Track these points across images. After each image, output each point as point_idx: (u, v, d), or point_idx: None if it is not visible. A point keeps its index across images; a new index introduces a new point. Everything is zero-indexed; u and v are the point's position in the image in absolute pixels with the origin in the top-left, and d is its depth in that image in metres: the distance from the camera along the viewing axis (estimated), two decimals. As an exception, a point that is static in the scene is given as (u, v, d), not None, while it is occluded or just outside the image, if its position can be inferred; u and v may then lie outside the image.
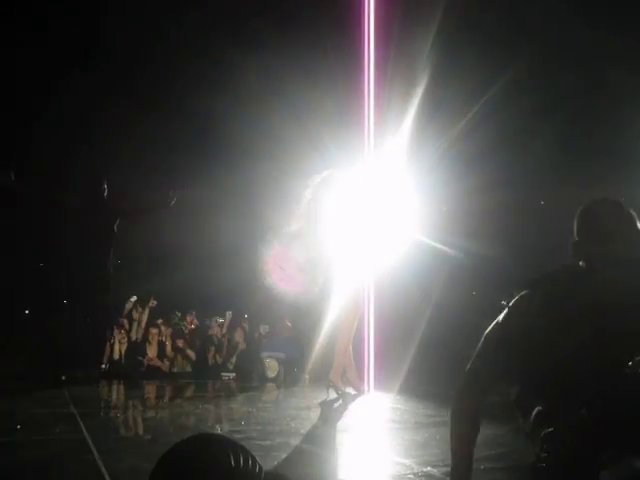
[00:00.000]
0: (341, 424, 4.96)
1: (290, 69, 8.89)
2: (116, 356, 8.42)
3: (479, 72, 8.50)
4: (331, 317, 6.14)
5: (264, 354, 8.39)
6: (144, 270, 9.64)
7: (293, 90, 8.96)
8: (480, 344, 2.72)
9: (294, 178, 6.58)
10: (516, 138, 8.92)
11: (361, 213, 6.59)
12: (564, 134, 8.97)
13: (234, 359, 8.77)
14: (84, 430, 4.26)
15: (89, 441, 3.87)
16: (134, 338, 8.65)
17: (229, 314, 9.18)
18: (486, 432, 4.39)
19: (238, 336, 8.93)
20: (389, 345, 7.51)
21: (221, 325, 9.14)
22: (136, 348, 8.60)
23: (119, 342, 8.47)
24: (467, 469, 2.53)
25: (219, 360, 8.79)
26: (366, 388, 6.66)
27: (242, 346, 8.85)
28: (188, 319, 9.22)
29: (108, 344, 8.28)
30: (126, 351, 8.53)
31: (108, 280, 7.77)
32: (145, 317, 8.82)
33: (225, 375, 8.55)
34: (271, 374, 8.03)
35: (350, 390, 6.21)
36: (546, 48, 8.66)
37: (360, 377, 6.44)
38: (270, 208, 8.06)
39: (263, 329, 8.89)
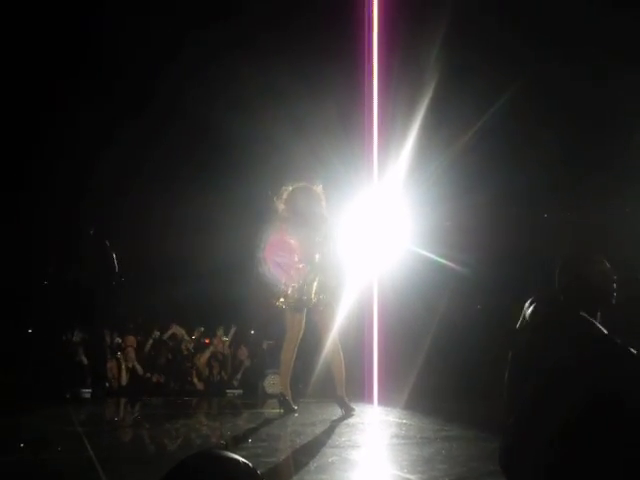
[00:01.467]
0: (346, 439, 4.94)
1: (292, 78, 8.92)
2: (124, 382, 8.45)
3: (483, 86, 8.51)
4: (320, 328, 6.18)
5: (268, 371, 8.38)
6: (145, 285, 9.66)
7: (295, 100, 8.98)
8: None
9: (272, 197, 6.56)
10: (520, 152, 8.92)
11: (363, 226, 6.60)
12: (570, 148, 8.97)
13: (239, 375, 8.77)
14: (89, 448, 4.25)
15: (94, 459, 3.87)
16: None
17: (234, 329, 9.18)
18: (491, 446, 4.39)
19: (242, 353, 8.93)
20: (394, 359, 7.50)
21: (224, 340, 9.15)
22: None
23: (125, 367, 8.50)
24: None
25: (225, 376, 8.78)
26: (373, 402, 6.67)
27: (247, 363, 8.85)
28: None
29: (114, 365, 8.33)
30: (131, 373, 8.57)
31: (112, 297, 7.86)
32: (149, 343, 8.88)
33: (230, 392, 8.54)
34: (274, 390, 8.01)
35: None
36: (553, 60, 8.68)
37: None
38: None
39: (267, 345, 8.88)
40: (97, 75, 9.95)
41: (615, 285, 2.96)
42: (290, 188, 6.30)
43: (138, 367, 8.61)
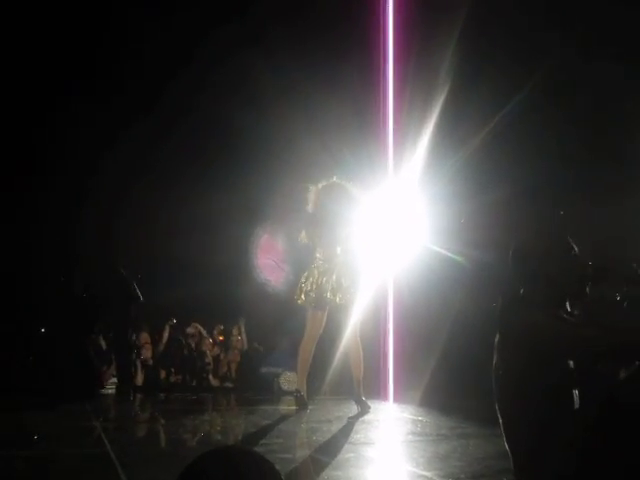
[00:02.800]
0: (362, 436, 4.95)
1: (306, 74, 8.92)
2: (139, 380, 8.50)
3: (499, 84, 8.48)
4: (341, 327, 6.18)
5: (269, 369, 8.42)
6: (158, 282, 9.71)
7: (311, 99, 8.98)
8: None
9: (306, 187, 6.58)
10: (538, 148, 8.88)
11: (378, 224, 6.60)
12: (587, 145, 8.92)
13: (233, 372, 8.81)
14: (107, 443, 4.28)
15: (111, 454, 3.89)
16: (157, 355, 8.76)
17: (244, 325, 9.17)
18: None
19: (236, 347, 8.95)
20: (409, 357, 7.49)
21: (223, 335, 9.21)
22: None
23: (140, 365, 8.56)
24: None
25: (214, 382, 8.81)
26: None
27: (237, 358, 8.87)
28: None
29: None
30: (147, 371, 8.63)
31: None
32: (166, 334, 8.91)
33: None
34: (289, 387, 8.02)
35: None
36: (569, 60, 8.64)
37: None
38: (287, 217, 8.11)
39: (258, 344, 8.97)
40: (106, 72, 9.97)
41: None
42: (320, 185, 6.30)
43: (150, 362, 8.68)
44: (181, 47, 9.81)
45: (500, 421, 2.75)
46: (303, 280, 6.23)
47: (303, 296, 6.19)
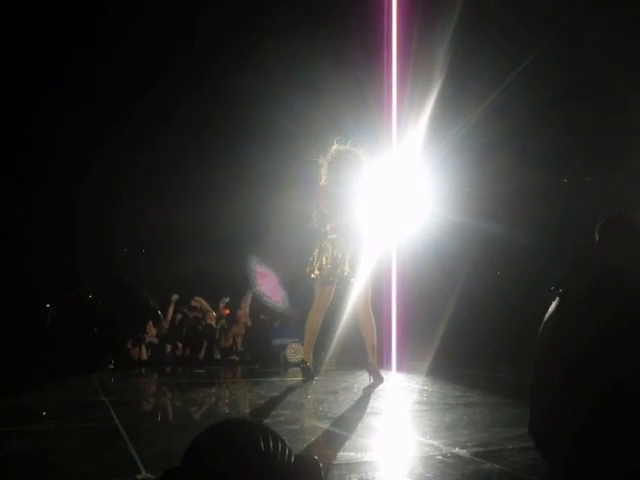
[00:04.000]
0: (369, 406, 4.98)
1: (310, 46, 8.86)
2: (144, 356, 8.54)
3: (500, 57, 8.41)
4: (351, 298, 6.18)
5: (280, 340, 8.45)
6: (160, 257, 9.74)
7: (316, 74, 8.93)
8: None
9: (315, 160, 6.58)
10: (542, 117, 8.82)
11: (383, 194, 6.58)
12: (587, 115, 8.86)
13: (239, 345, 8.84)
14: (115, 417, 4.31)
15: (120, 428, 3.92)
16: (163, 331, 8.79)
17: (250, 296, 9.19)
18: (513, 411, 4.41)
19: (241, 320, 8.98)
20: (414, 327, 7.52)
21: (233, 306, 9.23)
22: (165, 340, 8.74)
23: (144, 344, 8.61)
24: None
25: (220, 355, 8.84)
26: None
27: (242, 331, 8.89)
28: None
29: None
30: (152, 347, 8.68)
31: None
32: (171, 310, 8.93)
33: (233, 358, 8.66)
34: (296, 358, 8.07)
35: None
36: (569, 33, 8.55)
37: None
38: (293, 188, 8.12)
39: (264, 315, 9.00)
40: (112, 46, 9.92)
41: None
42: (329, 156, 6.26)
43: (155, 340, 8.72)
44: (186, 21, 9.75)
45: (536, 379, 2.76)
46: (315, 255, 6.22)
47: (317, 271, 6.18)
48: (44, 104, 9.77)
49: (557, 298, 2.81)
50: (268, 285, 8.46)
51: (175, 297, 8.99)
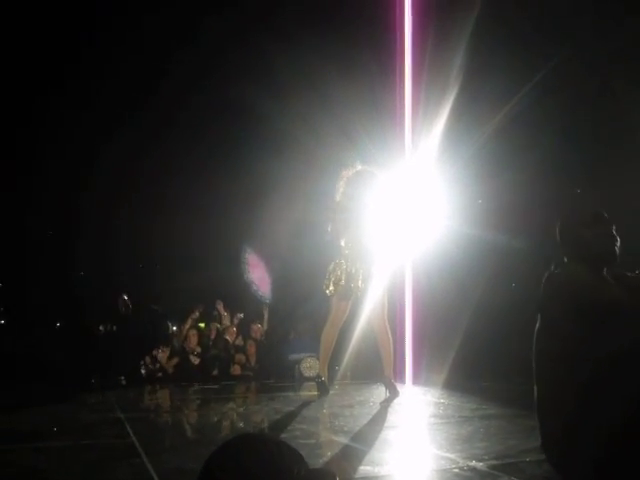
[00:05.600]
0: (385, 420, 4.97)
1: (326, 63, 8.87)
2: (170, 370, 8.55)
3: (516, 67, 8.40)
4: (365, 312, 6.17)
5: (294, 355, 8.46)
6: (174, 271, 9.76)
7: (326, 78, 8.93)
8: None
9: (329, 173, 6.59)
10: (558, 130, 8.80)
11: (397, 208, 6.58)
12: (602, 128, 8.83)
13: (253, 361, 8.84)
14: (131, 434, 4.32)
15: (137, 444, 3.93)
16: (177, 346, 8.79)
17: (267, 314, 9.20)
18: (529, 423, 4.38)
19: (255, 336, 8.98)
20: (429, 340, 7.49)
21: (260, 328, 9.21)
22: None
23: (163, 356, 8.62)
24: None
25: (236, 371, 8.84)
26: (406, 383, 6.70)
27: (253, 350, 8.89)
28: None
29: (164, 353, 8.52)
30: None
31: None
32: (187, 326, 8.95)
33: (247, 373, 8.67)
34: (311, 373, 8.04)
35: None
36: (584, 43, 8.53)
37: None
38: (305, 202, 8.13)
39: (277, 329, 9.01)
40: (113, 52, 9.92)
41: (617, 244, 2.99)
42: (351, 172, 6.29)
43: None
44: (192, 28, 9.75)
45: (535, 389, 2.80)
46: (331, 270, 6.24)
47: (332, 286, 6.19)
48: (41, 115, 9.82)
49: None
50: (256, 274, 8.54)
51: (195, 315, 9.02)
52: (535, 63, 8.34)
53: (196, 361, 8.67)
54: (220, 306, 9.17)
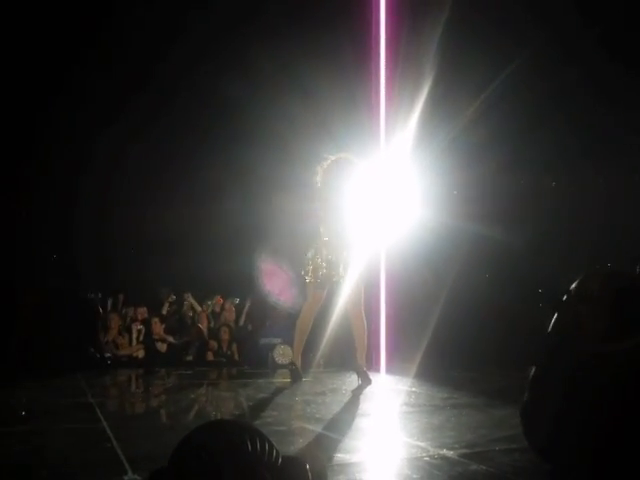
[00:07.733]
0: (357, 408, 4.99)
1: (303, 54, 8.84)
2: (140, 354, 8.53)
3: (489, 58, 8.42)
4: (342, 300, 6.17)
5: (264, 340, 8.45)
6: (153, 255, 9.70)
7: (302, 69, 8.91)
8: None
9: (305, 162, 6.58)
10: (530, 121, 8.84)
11: (372, 197, 6.59)
12: (576, 118, 8.88)
13: (234, 346, 8.82)
14: (102, 419, 4.30)
15: (107, 429, 3.91)
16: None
17: (249, 302, 9.17)
18: (500, 413, 4.43)
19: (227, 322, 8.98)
20: (402, 329, 7.52)
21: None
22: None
23: (136, 339, 8.59)
24: None
25: (233, 350, 8.82)
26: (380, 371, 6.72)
27: (227, 336, 8.89)
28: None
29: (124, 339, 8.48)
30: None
31: None
32: (166, 307, 8.94)
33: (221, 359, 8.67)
34: (284, 360, 8.04)
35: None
36: (559, 33, 8.57)
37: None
38: (281, 191, 8.12)
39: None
40: (104, 44, 9.84)
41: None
42: (329, 160, 6.28)
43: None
44: (175, 22, 9.70)
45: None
46: (310, 257, 6.22)
47: (311, 274, 6.18)
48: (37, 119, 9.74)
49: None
50: (276, 284, 8.35)
51: (172, 298, 9.02)
52: (510, 51, 8.36)
53: (163, 348, 8.65)
54: (189, 297, 9.15)
